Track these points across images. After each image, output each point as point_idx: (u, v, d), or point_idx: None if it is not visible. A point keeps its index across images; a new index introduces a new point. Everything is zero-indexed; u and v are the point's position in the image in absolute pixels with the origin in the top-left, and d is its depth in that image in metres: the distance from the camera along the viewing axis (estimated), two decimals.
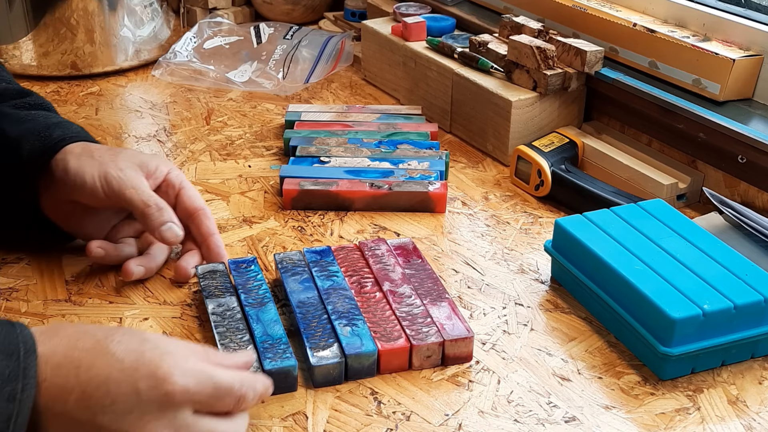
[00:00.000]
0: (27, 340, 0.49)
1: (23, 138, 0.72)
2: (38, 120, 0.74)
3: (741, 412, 0.60)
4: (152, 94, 1.15)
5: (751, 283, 0.64)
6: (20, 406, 0.47)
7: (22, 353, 0.48)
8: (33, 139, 0.72)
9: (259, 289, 0.69)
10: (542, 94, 0.94)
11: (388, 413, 0.60)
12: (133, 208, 0.71)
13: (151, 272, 0.74)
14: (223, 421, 0.53)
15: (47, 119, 0.75)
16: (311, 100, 1.13)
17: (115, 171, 0.71)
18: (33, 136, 0.72)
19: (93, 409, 0.50)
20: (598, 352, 0.66)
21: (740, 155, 0.82)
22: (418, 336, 0.64)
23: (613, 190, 0.85)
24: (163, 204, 0.71)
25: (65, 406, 0.49)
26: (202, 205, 0.74)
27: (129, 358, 0.51)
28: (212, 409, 0.53)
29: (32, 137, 0.72)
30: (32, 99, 0.78)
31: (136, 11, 1.19)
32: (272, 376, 0.60)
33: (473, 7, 1.19)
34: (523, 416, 0.60)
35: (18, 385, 0.47)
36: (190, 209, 0.74)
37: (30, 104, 0.77)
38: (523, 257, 0.79)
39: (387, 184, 0.86)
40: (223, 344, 0.63)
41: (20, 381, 0.48)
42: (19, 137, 0.72)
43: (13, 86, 0.79)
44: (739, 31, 0.87)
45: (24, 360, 0.48)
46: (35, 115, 0.75)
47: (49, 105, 0.80)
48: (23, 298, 0.71)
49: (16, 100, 0.77)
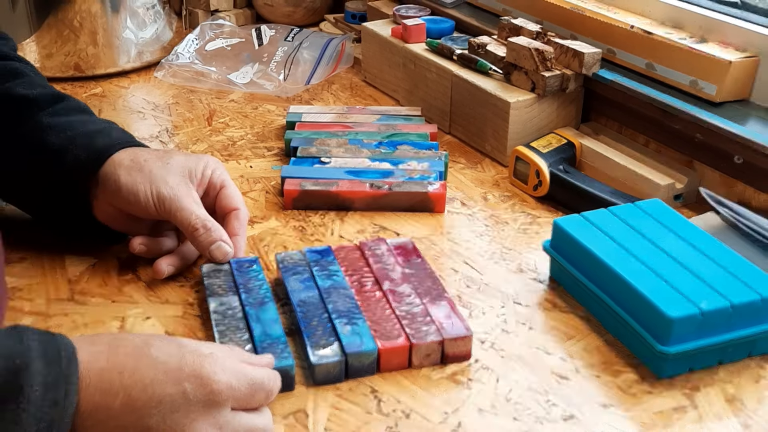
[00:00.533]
0: (67, 348, 0.50)
1: (66, 150, 0.72)
2: (78, 128, 0.74)
3: (738, 411, 0.61)
4: (154, 96, 1.15)
5: (748, 282, 0.65)
6: (63, 412, 0.48)
7: (64, 361, 0.49)
8: (77, 151, 0.72)
9: (260, 288, 0.70)
10: (540, 95, 0.95)
11: (388, 411, 0.60)
12: (183, 229, 0.72)
13: (180, 270, 0.75)
14: (256, 415, 0.56)
15: (86, 126, 0.75)
16: (312, 102, 1.14)
17: (167, 189, 0.71)
18: (76, 147, 0.73)
19: (140, 412, 0.50)
20: (596, 351, 0.67)
21: (737, 156, 0.82)
22: (418, 335, 0.64)
23: (611, 191, 0.86)
24: (211, 223, 0.71)
25: (110, 411, 0.50)
26: (238, 205, 0.75)
27: (171, 361, 0.52)
28: (247, 406, 0.55)
29: (76, 148, 0.72)
30: (68, 103, 0.78)
31: (139, 13, 1.20)
32: None
33: (472, 9, 1.20)
34: (521, 414, 0.60)
35: (60, 392, 0.48)
36: (225, 209, 0.75)
37: (67, 110, 0.77)
38: (521, 257, 0.79)
39: (387, 184, 0.86)
40: (223, 342, 0.64)
41: (62, 387, 0.48)
42: (62, 149, 0.72)
43: (47, 91, 0.78)
44: (736, 32, 0.88)
45: (66, 367, 0.49)
46: (74, 123, 0.75)
47: (85, 107, 0.80)
48: (26, 297, 0.72)
49: (52, 107, 0.77)
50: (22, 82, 0.78)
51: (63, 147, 0.73)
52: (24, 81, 0.78)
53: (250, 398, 0.55)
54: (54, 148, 0.73)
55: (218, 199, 0.75)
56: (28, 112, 0.75)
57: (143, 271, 0.76)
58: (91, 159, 0.72)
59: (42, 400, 0.47)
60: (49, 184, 0.74)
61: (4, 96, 0.76)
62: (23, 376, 0.47)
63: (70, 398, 0.48)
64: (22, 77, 0.79)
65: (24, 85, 0.78)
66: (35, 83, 0.79)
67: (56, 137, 0.73)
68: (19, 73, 0.79)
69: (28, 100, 0.76)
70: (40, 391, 0.47)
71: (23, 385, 0.47)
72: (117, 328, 0.68)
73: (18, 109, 0.76)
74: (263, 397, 0.56)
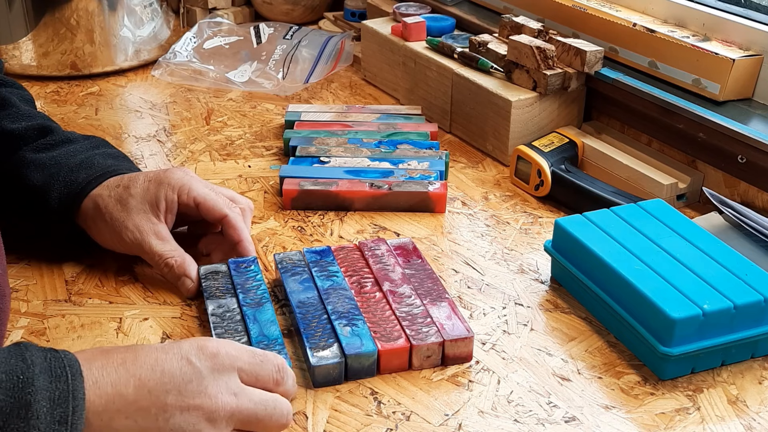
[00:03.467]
0: (72, 364, 0.50)
1: (49, 186, 0.73)
2: (61, 163, 0.75)
3: (741, 412, 0.60)
4: (152, 94, 1.15)
5: (751, 282, 0.64)
6: (72, 428, 0.48)
7: (70, 376, 0.49)
8: (59, 186, 0.73)
9: (258, 289, 0.69)
10: (542, 94, 0.94)
11: (388, 413, 0.60)
12: None
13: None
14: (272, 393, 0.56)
15: (69, 159, 0.75)
16: (311, 100, 1.13)
17: (127, 235, 0.72)
18: (59, 183, 0.73)
19: (155, 392, 0.51)
20: (598, 352, 0.66)
21: (740, 155, 0.82)
22: (418, 336, 0.64)
23: (613, 190, 0.85)
24: (174, 260, 0.71)
25: (126, 398, 0.50)
26: (223, 212, 0.74)
27: (167, 345, 0.54)
28: (257, 379, 0.55)
29: (58, 184, 0.73)
30: (55, 137, 0.78)
31: (136, 11, 1.19)
32: None
33: (473, 7, 1.19)
34: (523, 416, 0.60)
35: (68, 408, 0.48)
36: (213, 223, 0.75)
37: (52, 143, 0.77)
38: (522, 257, 0.79)
39: (387, 184, 0.86)
40: None
41: (70, 403, 0.48)
42: (45, 185, 0.73)
43: (35, 122, 0.78)
44: (739, 31, 0.87)
45: (72, 383, 0.49)
46: (57, 157, 0.75)
47: (71, 137, 0.79)
48: (23, 298, 0.71)
49: (37, 141, 0.77)
50: (8, 114, 0.78)
51: (45, 183, 0.73)
52: (10, 113, 0.78)
53: (258, 369, 0.55)
54: (37, 184, 0.73)
55: (202, 214, 0.74)
56: (13, 148, 0.76)
57: (140, 272, 0.75)
58: (73, 194, 0.73)
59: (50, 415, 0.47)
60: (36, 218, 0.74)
61: None
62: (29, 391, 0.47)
63: (78, 414, 0.48)
64: (8, 108, 0.78)
65: (10, 118, 0.77)
66: (21, 114, 0.78)
67: (38, 174, 0.74)
68: (6, 104, 0.79)
69: (14, 136, 0.76)
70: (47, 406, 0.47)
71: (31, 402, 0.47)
72: (114, 329, 0.68)
73: (3, 145, 0.76)
74: (273, 371, 0.56)
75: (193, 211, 0.74)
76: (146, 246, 0.72)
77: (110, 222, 0.72)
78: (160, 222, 0.73)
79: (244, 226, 0.75)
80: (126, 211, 0.72)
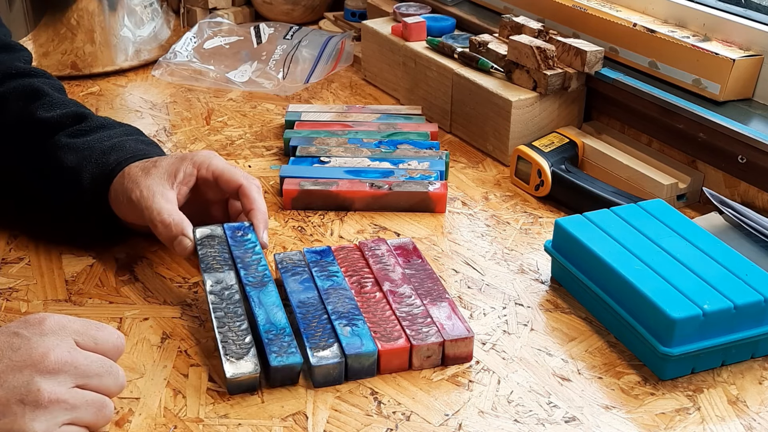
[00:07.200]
0: None
1: (81, 167, 0.75)
2: (94, 146, 0.77)
3: (741, 412, 0.60)
4: (152, 94, 1.15)
5: (751, 283, 0.64)
6: None
7: None
8: (91, 167, 0.75)
9: (258, 264, 0.69)
10: (542, 94, 0.94)
11: (388, 413, 0.60)
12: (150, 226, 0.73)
13: None
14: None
15: (103, 143, 0.77)
16: (311, 100, 1.13)
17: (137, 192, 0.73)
18: (91, 164, 0.75)
19: None
20: (598, 352, 0.66)
21: (740, 155, 0.82)
22: (418, 336, 0.64)
23: (613, 190, 0.85)
24: (172, 218, 0.72)
25: None
26: (239, 182, 0.75)
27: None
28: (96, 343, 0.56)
29: (90, 165, 0.75)
30: (89, 123, 0.79)
31: (136, 11, 1.19)
32: (278, 371, 0.60)
33: (473, 7, 1.19)
34: (523, 416, 0.60)
35: None
36: (229, 192, 0.76)
37: (87, 129, 0.79)
38: (523, 257, 0.79)
39: (387, 184, 0.86)
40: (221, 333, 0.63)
41: None
42: (78, 166, 0.75)
43: (69, 110, 0.80)
44: (739, 31, 0.87)
45: None
46: (91, 141, 0.77)
47: (105, 122, 0.81)
48: (23, 298, 0.71)
49: (72, 127, 0.78)
50: (42, 104, 0.79)
51: (78, 165, 0.75)
52: (44, 102, 0.80)
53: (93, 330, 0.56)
54: (70, 165, 0.75)
55: (219, 187, 0.76)
56: (49, 135, 0.77)
57: (140, 272, 0.75)
58: (104, 174, 0.75)
59: None
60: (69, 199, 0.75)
61: (27, 120, 0.78)
62: None
63: None
64: (42, 97, 0.80)
65: (45, 107, 0.79)
66: (55, 103, 0.80)
67: (72, 156, 0.76)
68: (39, 93, 0.80)
69: (50, 125, 0.78)
70: None
71: None
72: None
73: (39, 134, 0.78)
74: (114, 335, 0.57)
75: (212, 186, 0.76)
76: (149, 202, 0.72)
77: (131, 184, 0.73)
78: (172, 189, 0.74)
79: (259, 197, 0.76)
80: (145, 176, 0.74)
